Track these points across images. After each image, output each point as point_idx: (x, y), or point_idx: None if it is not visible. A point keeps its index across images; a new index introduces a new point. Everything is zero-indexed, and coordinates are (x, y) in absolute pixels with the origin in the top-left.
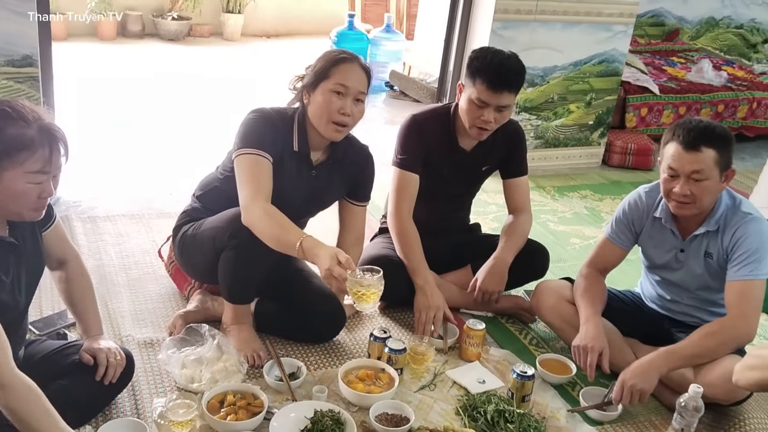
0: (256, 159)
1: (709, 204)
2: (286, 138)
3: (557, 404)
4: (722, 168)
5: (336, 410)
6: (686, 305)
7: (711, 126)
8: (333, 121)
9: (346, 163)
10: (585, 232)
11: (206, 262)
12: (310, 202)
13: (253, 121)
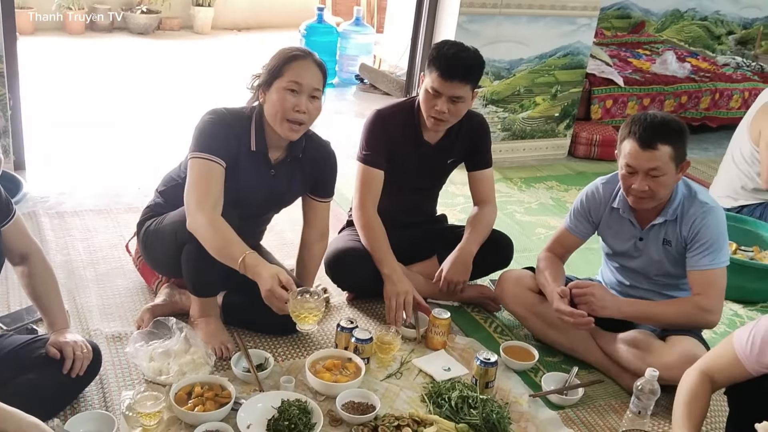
0: (207, 164)
1: (668, 195)
2: (242, 138)
3: (520, 390)
4: (677, 161)
5: (303, 399)
6: (645, 290)
7: (665, 122)
8: (288, 119)
9: (306, 160)
10: (550, 222)
11: (169, 257)
12: (270, 201)
13: (208, 123)
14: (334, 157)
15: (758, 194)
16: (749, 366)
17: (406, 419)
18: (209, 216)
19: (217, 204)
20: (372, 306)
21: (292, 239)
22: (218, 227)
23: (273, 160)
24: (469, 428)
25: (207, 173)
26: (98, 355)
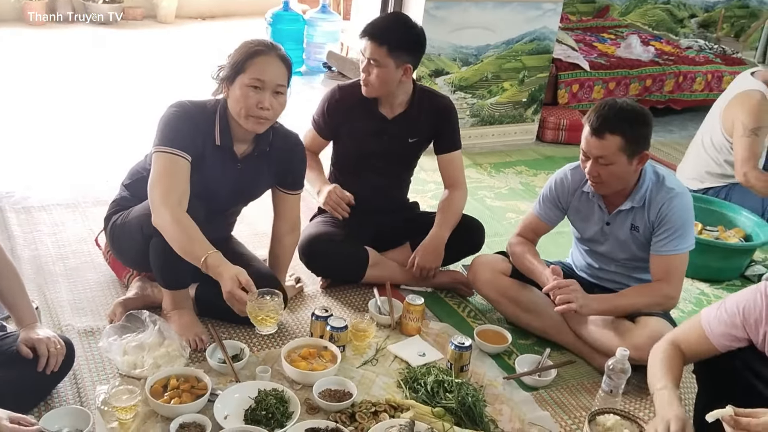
0: (172, 159)
1: (624, 183)
2: (207, 133)
3: (494, 373)
4: (630, 153)
5: (280, 389)
6: (613, 272)
7: (623, 112)
8: (251, 115)
9: (273, 153)
10: (520, 207)
11: (137, 250)
12: (238, 195)
13: (173, 116)
14: (302, 149)
15: (724, 178)
16: (716, 342)
17: (383, 405)
18: (173, 212)
19: (183, 199)
20: (346, 294)
21: (265, 230)
22: (182, 224)
23: (239, 154)
24: (445, 412)
25: (172, 168)
26: (71, 349)
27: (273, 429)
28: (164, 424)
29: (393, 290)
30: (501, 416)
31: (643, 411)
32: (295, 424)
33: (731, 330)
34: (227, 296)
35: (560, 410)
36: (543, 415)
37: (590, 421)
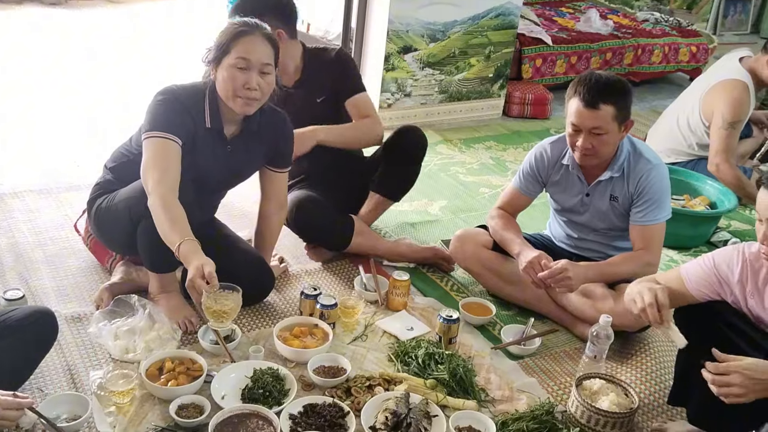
0: (164, 143)
1: (612, 151)
2: (197, 116)
3: (481, 343)
4: (620, 121)
5: (275, 367)
6: (592, 242)
7: (610, 82)
8: (239, 96)
9: (262, 133)
10: (492, 182)
11: (124, 234)
12: (228, 177)
13: (162, 102)
14: (289, 127)
15: (690, 156)
16: (692, 290)
17: (377, 379)
18: (164, 197)
19: (175, 184)
20: (330, 272)
21: (247, 210)
22: (169, 209)
23: (228, 136)
24: (437, 383)
25: (164, 152)
26: (53, 320)
27: (271, 407)
28: (162, 407)
29: (376, 266)
30: (490, 385)
31: (626, 375)
32: (293, 401)
33: (707, 280)
34: (187, 284)
35: (546, 377)
36: (530, 382)
37: (577, 386)
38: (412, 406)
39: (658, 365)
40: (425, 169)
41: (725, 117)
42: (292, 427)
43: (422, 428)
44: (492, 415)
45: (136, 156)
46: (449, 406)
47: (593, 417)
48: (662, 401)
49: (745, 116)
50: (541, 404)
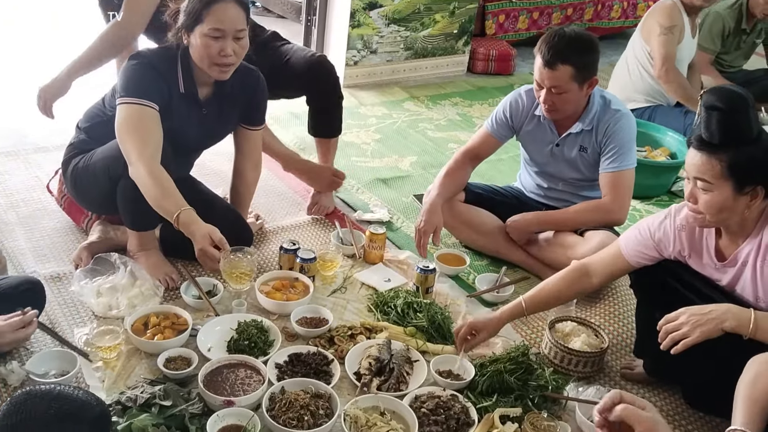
0: (141, 109)
1: (576, 108)
2: (171, 81)
3: (456, 292)
4: (581, 80)
5: (258, 319)
6: (561, 191)
7: (572, 42)
8: (215, 63)
9: (235, 93)
10: (460, 137)
11: (102, 194)
12: (204, 139)
13: (136, 67)
14: (263, 83)
15: (649, 96)
16: (629, 258)
17: (359, 328)
18: (149, 167)
19: (157, 151)
20: (306, 228)
21: (219, 168)
22: (157, 179)
23: (203, 98)
24: (416, 330)
25: (142, 119)
26: (41, 289)
27: (257, 357)
28: (149, 361)
29: (352, 222)
30: None
31: (596, 317)
32: (278, 351)
33: (642, 248)
34: (199, 254)
35: (519, 322)
36: (505, 327)
37: (550, 328)
38: (393, 353)
39: (625, 308)
40: (394, 126)
41: (661, 23)
42: (279, 375)
43: (404, 372)
44: (470, 359)
45: (110, 117)
46: (429, 351)
47: (566, 357)
48: (630, 341)
49: (680, 22)
50: (516, 347)
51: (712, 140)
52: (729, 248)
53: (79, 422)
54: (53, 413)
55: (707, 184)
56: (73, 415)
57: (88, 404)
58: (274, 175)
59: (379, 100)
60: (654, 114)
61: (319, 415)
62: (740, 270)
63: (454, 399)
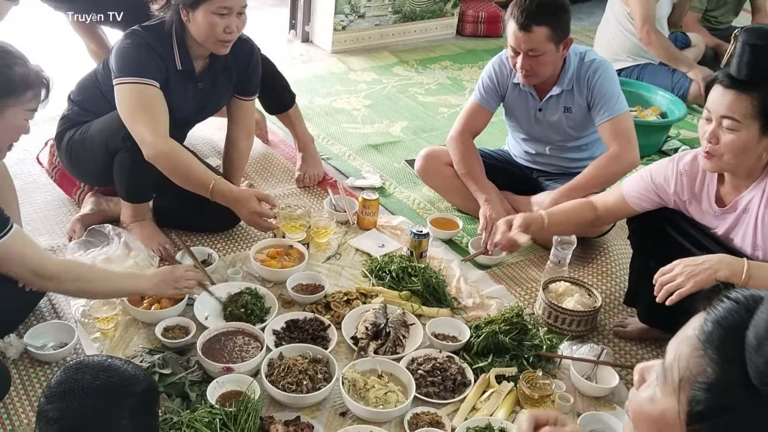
0: (143, 88)
1: (553, 70)
2: (167, 58)
3: (450, 256)
4: (557, 41)
5: (254, 287)
6: (549, 155)
7: (544, 3)
8: (219, 40)
9: (229, 65)
10: (451, 101)
11: (98, 166)
12: (200, 111)
13: (132, 47)
14: (257, 53)
15: (635, 55)
16: (631, 202)
17: (355, 293)
18: (167, 144)
19: (167, 129)
20: (300, 195)
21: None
22: (180, 157)
23: (198, 72)
24: (411, 294)
25: (147, 98)
26: None
27: (254, 324)
28: (147, 330)
29: (344, 188)
30: (461, 293)
31: (588, 277)
32: (274, 317)
33: (645, 193)
34: (250, 216)
35: (513, 283)
36: (498, 289)
37: (544, 289)
38: (389, 317)
39: (617, 267)
40: (384, 91)
41: None
42: (276, 342)
43: (401, 336)
44: (465, 321)
45: (105, 90)
46: (424, 314)
47: (560, 316)
48: (622, 300)
49: None
50: (511, 308)
51: (744, 77)
52: (730, 195)
53: (125, 396)
54: (100, 384)
55: (735, 122)
56: (120, 387)
57: (136, 378)
58: (265, 143)
59: (368, 65)
60: (642, 73)
61: (318, 379)
62: (740, 217)
63: (451, 360)
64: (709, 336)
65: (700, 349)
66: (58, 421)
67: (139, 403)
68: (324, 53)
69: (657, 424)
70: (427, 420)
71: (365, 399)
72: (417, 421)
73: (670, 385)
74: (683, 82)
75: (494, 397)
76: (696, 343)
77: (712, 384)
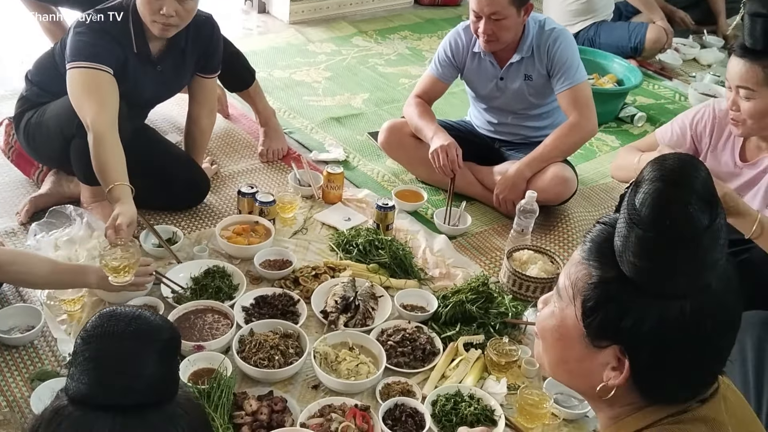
0: (96, 73)
1: (514, 36)
2: (124, 42)
3: (415, 227)
4: (518, 4)
5: (221, 265)
6: (511, 125)
7: None
8: (155, 20)
9: (189, 46)
10: (411, 72)
11: (56, 150)
12: (160, 94)
13: (86, 32)
14: (218, 31)
15: (586, 15)
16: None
17: (323, 268)
18: (102, 134)
19: (114, 117)
20: (263, 171)
21: (168, 113)
22: (104, 149)
23: (155, 55)
24: (379, 267)
25: (97, 83)
26: None
27: (223, 301)
28: None
29: (308, 162)
30: (428, 264)
31: (550, 245)
32: (243, 294)
33: (680, 140)
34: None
35: (478, 252)
36: (464, 259)
37: (508, 257)
38: (358, 290)
39: (578, 234)
40: (344, 63)
41: None
42: (246, 318)
43: (370, 308)
44: (432, 291)
45: (63, 70)
46: (392, 286)
47: (524, 284)
48: None
49: None
50: (476, 277)
51: (756, 47)
52: (754, 152)
53: (155, 341)
54: (131, 331)
55: (749, 91)
56: (148, 333)
57: (163, 327)
58: (226, 118)
59: (327, 36)
60: (598, 31)
61: (290, 354)
62: (759, 175)
63: (419, 330)
64: (588, 251)
65: (583, 262)
66: (96, 360)
67: (166, 348)
68: (281, 24)
69: (559, 330)
70: (398, 389)
71: (337, 371)
72: (388, 390)
73: (565, 298)
74: (639, 29)
75: (463, 365)
76: (580, 260)
77: (596, 282)
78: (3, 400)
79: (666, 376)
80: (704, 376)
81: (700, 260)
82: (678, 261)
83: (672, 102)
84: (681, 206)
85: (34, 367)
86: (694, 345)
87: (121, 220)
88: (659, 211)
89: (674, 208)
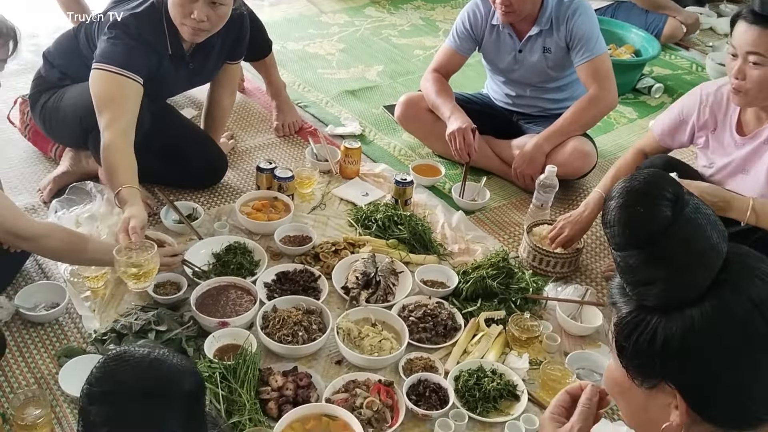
0: (122, 81)
1: (534, 6)
2: (158, 46)
3: (434, 202)
4: None
5: (242, 241)
6: (529, 97)
7: None
8: (185, 24)
9: (219, 41)
10: (426, 43)
11: (74, 137)
12: (191, 87)
13: (120, 38)
14: (246, 22)
15: None
16: (660, 141)
17: (342, 243)
18: (113, 141)
19: (130, 126)
20: (280, 146)
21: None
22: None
23: (188, 53)
24: (398, 242)
25: (121, 92)
26: None
27: (245, 278)
28: None
29: (325, 137)
30: (446, 240)
31: None
32: (264, 270)
33: (670, 129)
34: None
35: (497, 227)
36: (482, 234)
37: (528, 232)
38: (378, 265)
39: None
40: (357, 34)
41: None
42: (268, 294)
43: (390, 284)
44: (452, 267)
45: (85, 54)
46: (412, 262)
47: (544, 259)
48: (602, 240)
49: None
50: (496, 253)
51: (766, 12)
52: (752, 123)
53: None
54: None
55: (760, 57)
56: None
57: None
58: (241, 92)
59: (339, 7)
60: (617, 11)
61: (313, 329)
62: (760, 148)
63: (441, 306)
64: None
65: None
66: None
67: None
68: None
69: (618, 384)
70: (421, 365)
71: (360, 347)
72: (411, 366)
73: (612, 349)
74: (657, 21)
75: (484, 340)
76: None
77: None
78: (31, 377)
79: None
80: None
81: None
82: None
83: (689, 72)
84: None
85: (60, 344)
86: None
87: (134, 222)
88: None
89: (633, 212)
